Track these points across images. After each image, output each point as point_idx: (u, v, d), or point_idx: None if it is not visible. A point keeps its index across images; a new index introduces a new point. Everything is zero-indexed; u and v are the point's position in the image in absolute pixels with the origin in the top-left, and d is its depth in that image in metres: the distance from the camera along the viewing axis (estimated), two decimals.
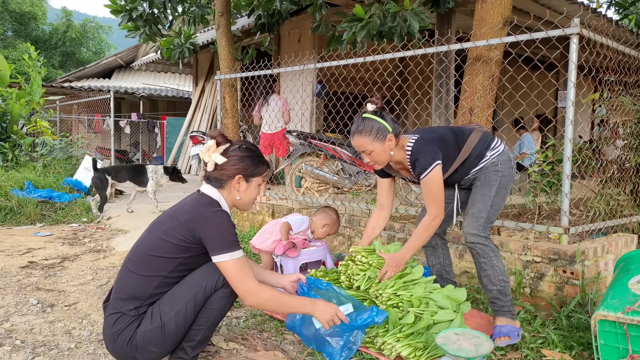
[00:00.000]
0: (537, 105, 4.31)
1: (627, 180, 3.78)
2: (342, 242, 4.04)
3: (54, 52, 30.29)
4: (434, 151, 2.34)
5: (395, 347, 2.17)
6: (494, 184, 2.41)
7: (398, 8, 4.28)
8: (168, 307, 1.89)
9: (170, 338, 1.90)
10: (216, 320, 1.98)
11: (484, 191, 2.42)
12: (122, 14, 5.83)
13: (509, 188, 2.47)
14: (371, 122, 2.38)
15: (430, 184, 2.34)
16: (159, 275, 1.91)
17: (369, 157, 2.42)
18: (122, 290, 1.94)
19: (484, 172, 2.44)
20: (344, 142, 6.12)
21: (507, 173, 2.44)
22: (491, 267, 2.35)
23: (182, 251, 1.91)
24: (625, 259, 2.52)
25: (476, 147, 2.45)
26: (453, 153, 2.44)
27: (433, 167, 2.32)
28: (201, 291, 1.90)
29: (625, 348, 1.94)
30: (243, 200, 2.06)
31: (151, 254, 1.92)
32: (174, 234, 1.90)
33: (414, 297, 2.31)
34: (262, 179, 2.10)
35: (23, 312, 2.76)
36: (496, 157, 2.44)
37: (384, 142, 2.37)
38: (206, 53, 10.05)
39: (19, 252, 4.28)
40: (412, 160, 2.39)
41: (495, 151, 2.46)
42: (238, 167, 2.01)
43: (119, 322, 1.90)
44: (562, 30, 2.86)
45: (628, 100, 3.77)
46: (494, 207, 2.41)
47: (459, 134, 2.51)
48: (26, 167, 7.81)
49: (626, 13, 6.78)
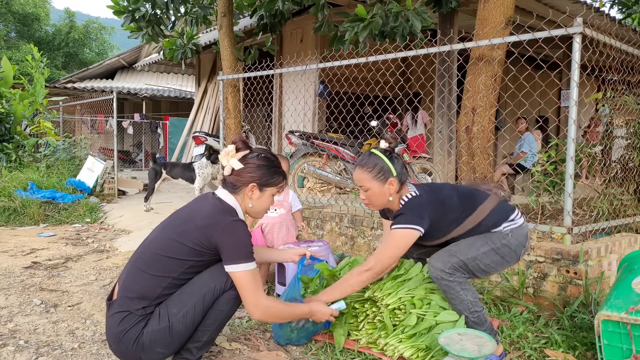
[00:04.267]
0: (540, 104, 4.30)
1: (630, 179, 3.77)
2: (345, 242, 4.04)
3: (57, 53, 30.38)
4: (420, 216, 2.16)
5: (397, 348, 2.17)
6: (492, 245, 2.18)
7: (400, 8, 4.28)
8: (176, 308, 1.89)
9: (177, 338, 1.91)
10: (223, 321, 1.99)
11: (475, 242, 2.20)
12: (124, 14, 5.84)
13: (506, 263, 2.22)
14: (376, 159, 2.23)
15: (394, 238, 2.16)
16: (170, 276, 1.91)
17: (366, 195, 2.26)
18: (131, 289, 1.91)
19: (490, 234, 2.22)
20: (346, 142, 6.13)
21: (513, 246, 2.20)
22: (460, 301, 2.16)
23: (195, 255, 1.91)
24: (628, 258, 2.51)
25: (489, 216, 2.22)
26: (455, 218, 2.22)
27: (408, 227, 2.14)
28: (210, 292, 1.91)
29: (628, 348, 1.93)
30: (255, 209, 2.07)
31: (163, 255, 1.91)
32: (189, 237, 1.90)
33: (415, 298, 2.31)
34: (277, 190, 2.10)
35: (27, 313, 2.77)
36: (511, 229, 2.22)
37: (384, 183, 2.21)
38: (209, 54, 10.06)
39: (23, 252, 4.29)
40: (399, 213, 2.21)
41: (513, 224, 2.23)
42: (253, 175, 2.02)
43: (125, 321, 1.88)
44: (565, 29, 2.85)
45: (631, 99, 3.76)
46: (477, 262, 2.16)
47: (468, 199, 2.27)
48: (29, 167, 7.83)
49: (629, 12, 6.77)
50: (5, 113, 8.68)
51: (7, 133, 8.68)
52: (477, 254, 2.17)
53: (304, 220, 3.46)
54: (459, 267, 2.16)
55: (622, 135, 4.06)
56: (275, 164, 2.09)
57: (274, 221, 3.31)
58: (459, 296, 2.16)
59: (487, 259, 2.18)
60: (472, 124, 3.53)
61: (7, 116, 8.74)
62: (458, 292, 2.15)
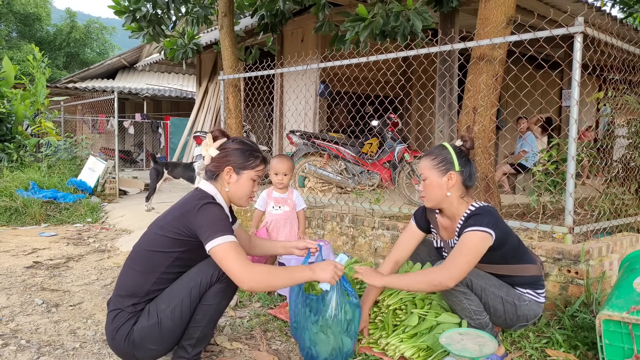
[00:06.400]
0: (541, 104, 4.29)
1: (632, 179, 3.77)
2: (346, 242, 4.04)
3: (58, 53, 30.41)
4: (496, 224, 2.03)
5: (398, 348, 2.17)
6: (505, 295, 2.11)
7: (401, 7, 4.28)
8: (164, 304, 1.90)
9: (167, 335, 1.91)
10: (213, 316, 1.97)
11: (494, 281, 2.11)
12: (125, 14, 5.84)
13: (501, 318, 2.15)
14: (442, 150, 2.15)
15: (470, 240, 2.00)
16: (157, 270, 1.93)
17: (423, 184, 2.17)
18: (122, 287, 1.97)
19: (511, 289, 2.15)
20: (347, 142, 6.13)
21: (520, 313, 2.13)
22: (462, 309, 2.12)
23: (178, 245, 1.92)
24: (630, 258, 2.50)
25: (525, 277, 2.16)
26: (503, 255, 2.12)
27: (486, 231, 1.99)
28: (196, 287, 1.91)
29: (630, 348, 1.93)
30: (234, 194, 2.08)
31: (149, 249, 1.95)
32: (169, 228, 1.93)
33: (416, 298, 2.31)
34: (256, 174, 2.09)
35: (28, 312, 2.78)
36: (530, 299, 2.16)
37: (442, 175, 2.11)
38: (209, 53, 10.07)
39: (24, 252, 4.30)
40: (470, 215, 2.07)
41: (536, 297, 2.18)
42: (229, 159, 2.05)
43: (117, 318, 1.92)
44: (566, 28, 2.85)
45: (633, 99, 3.75)
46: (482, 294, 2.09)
47: (523, 248, 2.21)
48: (31, 167, 7.84)
49: (631, 11, 6.76)
50: (7, 113, 8.69)
51: (8, 133, 8.68)
52: (488, 288, 2.10)
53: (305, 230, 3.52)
54: (465, 284, 2.09)
55: (623, 135, 4.06)
56: (252, 148, 2.10)
57: (278, 218, 3.35)
58: (462, 304, 2.11)
59: (492, 300, 2.12)
60: (473, 124, 3.53)
61: (8, 116, 8.75)
62: (461, 301, 2.11)
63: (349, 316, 2.06)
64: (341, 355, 2.10)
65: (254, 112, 10.04)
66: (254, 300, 3.05)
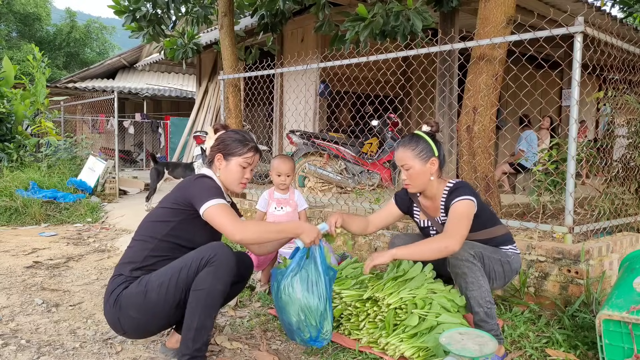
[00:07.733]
0: (541, 104, 4.30)
1: (631, 179, 3.77)
2: (346, 241, 4.04)
3: (58, 53, 30.40)
4: (474, 193, 2.28)
5: (398, 348, 2.17)
6: (499, 256, 2.31)
7: (401, 7, 4.28)
8: (155, 277, 2.00)
9: (150, 307, 1.96)
10: (207, 302, 1.94)
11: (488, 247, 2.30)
12: (125, 14, 5.84)
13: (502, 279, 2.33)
14: (419, 139, 2.33)
15: (461, 208, 2.21)
16: (155, 238, 2.08)
17: (407, 174, 2.33)
18: (125, 256, 2.13)
19: (498, 249, 2.34)
20: (347, 141, 6.13)
21: (512, 267, 2.34)
22: (478, 287, 2.18)
23: (175, 214, 2.10)
24: (630, 258, 2.50)
25: (501, 237, 2.38)
26: (482, 222, 2.33)
27: (470, 198, 2.22)
28: (186, 268, 1.97)
29: (630, 347, 1.93)
30: (226, 179, 2.25)
31: (150, 220, 2.16)
32: (169, 200, 2.14)
33: (417, 297, 2.31)
34: (245, 161, 2.23)
35: (28, 312, 2.78)
36: (513, 253, 2.37)
37: (425, 162, 2.30)
38: (209, 53, 10.06)
39: (24, 252, 4.30)
40: (451, 191, 2.29)
41: (515, 250, 2.40)
42: (219, 147, 2.25)
43: (114, 282, 2.06)
44: (566, 28, 2.85)
45: (633, 98, 3.75)
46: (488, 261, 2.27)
47: (493, 213, 2.45)
48: (31, 167, 7.84)
49: (631, 11, 6.75)
50: (7, 113, 8.69)
51: (8, 133, 8.68)
52: (490, 255, 2.28)
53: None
54: (480, 258, 2.23)
55: (623, 135, 4.06)
56: (242, 138, 2.27)
57: (281, 219, 3.34)
58: (479, 281, 2.18)
59: (493, 263, 2.28)
60: (473, 123, 3.53)
61: (8, 116, 8.75)
62: (478, 278, 2.18)
63: (313, 277, 2.18)
64: (313, 318, 2.16)
65: (254, 112, 10.04)
66: (254, 300, 3.05)
